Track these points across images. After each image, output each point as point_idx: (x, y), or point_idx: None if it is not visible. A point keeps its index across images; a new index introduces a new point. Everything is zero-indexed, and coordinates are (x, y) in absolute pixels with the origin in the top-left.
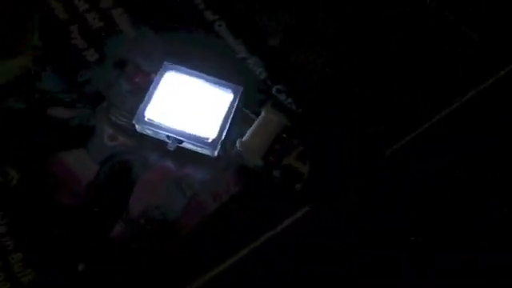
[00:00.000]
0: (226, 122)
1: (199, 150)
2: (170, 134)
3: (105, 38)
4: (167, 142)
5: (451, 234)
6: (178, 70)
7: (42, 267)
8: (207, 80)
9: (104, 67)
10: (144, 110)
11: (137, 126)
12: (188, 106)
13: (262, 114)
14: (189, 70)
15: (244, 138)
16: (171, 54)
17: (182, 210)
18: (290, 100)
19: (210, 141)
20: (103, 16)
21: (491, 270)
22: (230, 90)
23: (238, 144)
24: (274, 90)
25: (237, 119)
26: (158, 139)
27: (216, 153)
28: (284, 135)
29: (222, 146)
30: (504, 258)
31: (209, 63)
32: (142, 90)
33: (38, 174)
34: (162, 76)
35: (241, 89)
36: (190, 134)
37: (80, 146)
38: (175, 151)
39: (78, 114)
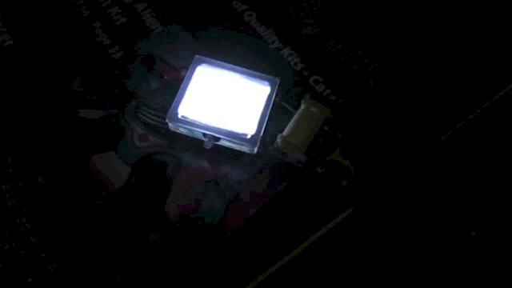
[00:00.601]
0: (265, 117)
1: (237, 147)
2: (206, 132)
3: (130, 34)
4: (203, 141)
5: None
6: (210, 64)
7: (78, 278)
8: (242, 72)
9: (131, 64)
10: (177, 107)
11: (170, 125)
12: (223, 101)
13: (302, 106)
14: (221, 63)
15: (284, 133)
16: (201, 48)
17: (223, 213)
18: (328, 91)
19: (248, 137)
20: (127, 11)
21: None
22: (266, 83)
23: (278, 140)
24: (311, 81)
25: (274, 113)
26: (192, 138)
27: (255, 150)
28: (326, 128)
29: (260, 142)
30: None
31: (242, 55)
32: (173, 87)
33: (69, 179)
34: (193, 70)
35: (278, 80)
36: (227, 131)
37: (110, 148)
38: (211, 150)
39: (106, 114)
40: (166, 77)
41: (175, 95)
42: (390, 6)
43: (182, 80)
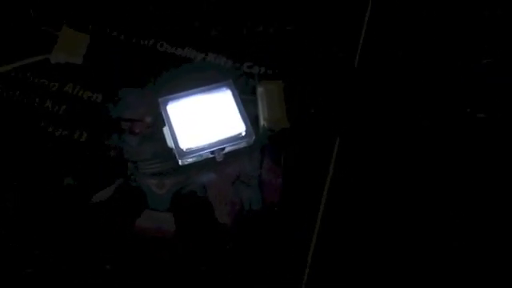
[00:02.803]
0: (243, 112)
1: (237, 146)
2: (212, 149)
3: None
4: (209, 159)
5: None
6: (174, 99)
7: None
8: (201, 91)
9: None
10: (178, 145)
11: (180, 161)
12: (205, 119)
13: (259, 89)
14: (182, 94)
15: (264, 115)
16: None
17: (260, 195)
18: (262, 69)
19: (244, 134)
20: (64, 99)
21: None
22: (224, 88)
23: (263, 123)
24: (245, 68)
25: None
26: (199, 161)
27: (253, 139)
28: None
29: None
30: None
31: (184, 82)
32: (150, 135)
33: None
34: (165, 111)
35: (230, 81)
36: (226, 139)
37: (142, 209)
38: (215, 160)
39: (116, 187)
40: (137, 130)
41: (158, 140)
42: None
43: (153, 126)
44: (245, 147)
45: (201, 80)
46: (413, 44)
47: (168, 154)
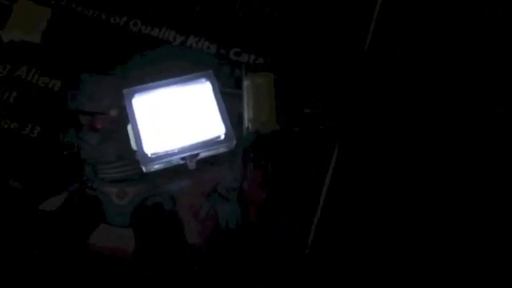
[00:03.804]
0: (224, 110)
1: (217, 151)
2: (182, 155)
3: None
4: (180, 165)
5: None
6: (141, 91)
7: None
8: (175, 83)
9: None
10: (142, 148)
11: (144, 168)
12: (177, 117)
13: (245, 82)
14: (151, 85)
15: (249, 115)
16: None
17: (240, 211)
18: (252, 56)
19: (222, 137)
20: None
21: None
22: (203, 79)
23: (248, 124)
24: (232, 55)
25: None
26: (168, 167)
27: (234, 144)
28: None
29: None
30: None
31: (158, 69)
32: (113, 132)
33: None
34: (130, 105)
35: (210, 71)
36: (201, 143)
37: (97, 223)
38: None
39: (67, 195)
40: (99, 126)
41: (123, 139)
42: None
43: (115, 121)
44: (224, 152)
45: (177, 68)
46: (412, 41)
47: (133, 157)
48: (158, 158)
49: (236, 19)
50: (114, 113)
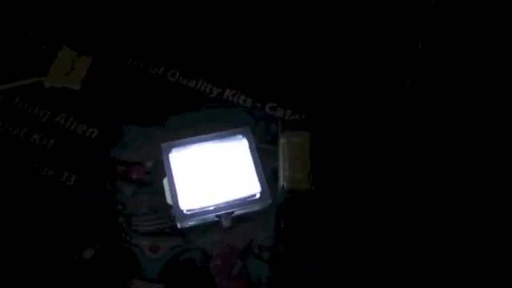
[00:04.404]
0: (260, 168)
1: (252, 209)
2: (218, 213)
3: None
4: (215, 222)
5: None
6: (179, 146)
7: None
8: (212, 138)
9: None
10: (178, 204)
11: (179, 225)
12: (213, 174)
13: (282, 140)
14: (188, 140)
15: (285, 173)
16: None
17: (271, 273)
18: (289, 111)
19: (259, 196)
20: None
21: None
22: (240, 136)
23: (283, 183)
24: (268, 110)
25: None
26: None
27: (269, 202)
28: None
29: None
30: None
31: (195, 124)
32: (148, 183)
33: None
34: (168, 160)
35: (248, 128)
36: (236, 201)
37: (131, 278)
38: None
39: (100, 247)
40: (134, 177)
41: (157, 190)
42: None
43: (150, 172)
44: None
45: (214, 122)
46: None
47: (167, 211)
48: (193, 214)
49: (271, 73)
50: (149, 164)
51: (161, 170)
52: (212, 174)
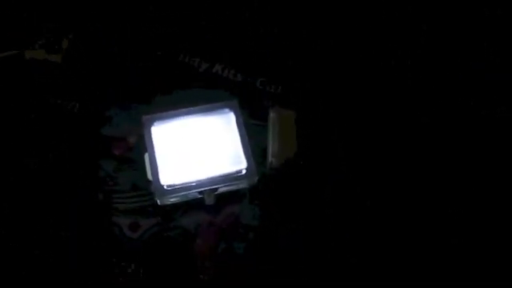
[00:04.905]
0: (246, 143)
1: (238, 186)
2: (200, 189)
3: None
4: (198, 199)
5: None
6: (161, 119)
7: None
8: (197, 111)
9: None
10: (158, 179)
11: (159, 201)
12: (197, 148)
13: (272, 115)
14: (171, 112)
15: (274, 150)
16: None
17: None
18: (280, 87)
19: (244, 172)
20: None
21: None
22: (226, 109)
23: (272, 159)
24: (258, 85)
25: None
26: (184, 201)
27: (256, 179)
28: None
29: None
30: None
31: (181, 96)
32: (130, 160)
33: None
34: (149, 134)
35: (235, 101)
36: (221, 177)
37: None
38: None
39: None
40: (116, 153)
41: (138, 167)
42: None
43: (133, 148)
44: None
45: (202, 97)
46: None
47: (148, 188)
48: (174, 190)
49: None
50: (133, 139)
51: (143, 145)
52: (196, 149)
